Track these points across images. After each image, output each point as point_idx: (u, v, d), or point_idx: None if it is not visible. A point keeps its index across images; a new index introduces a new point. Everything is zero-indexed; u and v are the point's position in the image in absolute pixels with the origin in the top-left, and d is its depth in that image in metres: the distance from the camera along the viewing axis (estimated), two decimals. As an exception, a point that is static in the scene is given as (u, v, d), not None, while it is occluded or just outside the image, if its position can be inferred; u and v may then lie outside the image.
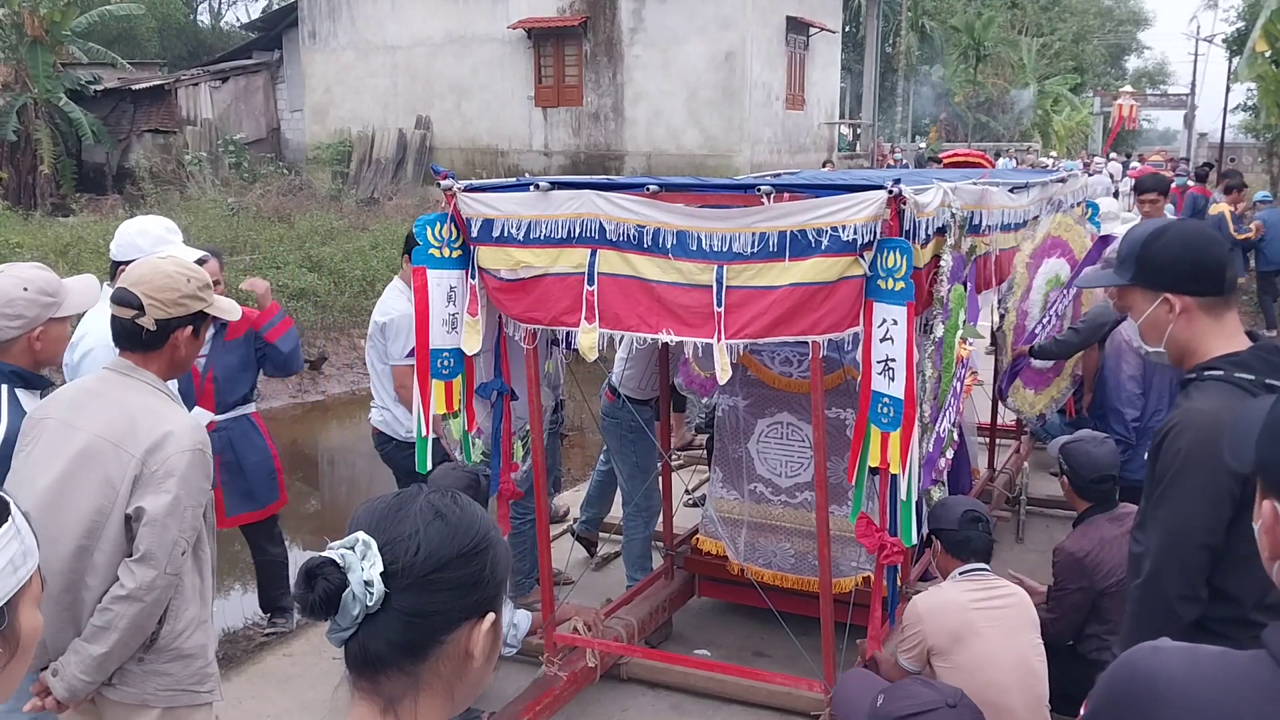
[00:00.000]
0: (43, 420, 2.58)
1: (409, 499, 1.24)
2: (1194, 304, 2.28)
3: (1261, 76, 18.24)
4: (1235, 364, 2.22)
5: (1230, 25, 28.25)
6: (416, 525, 1.20)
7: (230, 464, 4.52)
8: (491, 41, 21.18)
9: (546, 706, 3.88)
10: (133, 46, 29.40)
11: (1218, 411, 2.16)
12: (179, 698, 2.60)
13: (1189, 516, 2.21)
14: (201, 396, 4.36)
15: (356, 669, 1.21)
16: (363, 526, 1.21)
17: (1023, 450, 6.61)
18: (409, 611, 1.17)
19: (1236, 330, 2.29)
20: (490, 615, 1.23)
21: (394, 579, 1.17)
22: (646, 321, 3.41)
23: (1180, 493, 2.22)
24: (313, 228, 14.60)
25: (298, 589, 1.18)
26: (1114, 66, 56.35)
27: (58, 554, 2.45)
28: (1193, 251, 2.28)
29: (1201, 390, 2.25)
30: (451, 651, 1.21)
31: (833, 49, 24.10)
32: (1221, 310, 2.28)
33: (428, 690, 1.21)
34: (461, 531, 1.21)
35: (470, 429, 3.87)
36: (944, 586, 3.46)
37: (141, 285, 2.53)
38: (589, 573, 5.51)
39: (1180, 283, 2.29)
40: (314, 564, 1.17)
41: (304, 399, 10.46)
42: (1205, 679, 1.27)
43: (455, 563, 1.19)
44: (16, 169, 20.13)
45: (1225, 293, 2.27)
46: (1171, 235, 2.32)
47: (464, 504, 1.26)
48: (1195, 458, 2.19)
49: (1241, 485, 2.15)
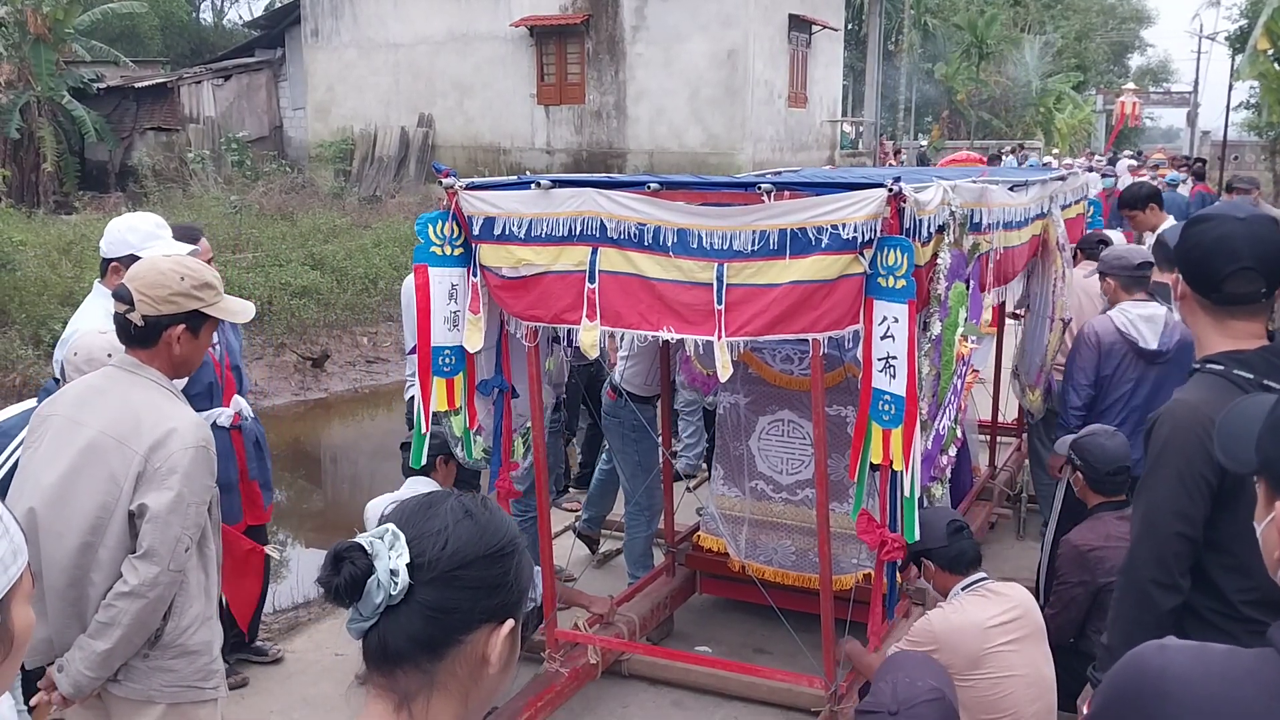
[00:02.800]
0: (49, 417, 2.59)
1: (440, 498, 1.27)
2: (1191, 295, 2.32)
3: (1264, 74, 18.24)
4: (1238, 361, 2.24)
5: (1233, 23, 28.25)
6: (446, 522, 1.22)
7: (263, 455, 4.39)
8: (494, 39, 21.17)
9: (548, 703, 3.90)
10: (135, 44, 29.39)
11: (1200, 404, 2.21)
12: (184, 694, 2.61)
13: (1164, 504, 2.25)
14: (225, 386, 4.31)
15: (374, 663, 1.22)
16: (394, 521, 1.23)
17: (1023, 447, 6.62)
18: (431, 606, 1.19)
19: (1249, 336, 2.28)
20: (510, 622, 1.24)
21: (419, 571, 1.19)
22: (647, 319, 3.42)
23: (1157, 481, 2.27)
24: (315, 226, 14.62)
25: (323, 572, 1.20)
26: (1117, 64, 56.28)
27: (63, 550, 2.46)
28: (1199, 252, 2.29)
29: (1195, 383, 2.30)
30: (469, 653, 1.22)
31: (835, 47, 24.09)
32: (1223, 316, 2.28)
33: (442, 690, 1.22)
34: (489, 533, 1.24)
35: (471, 426, 3.88)
36: (959, 606, 3.34)
37: (135, 281, 2.55)
38: (590, 570, 5.52)
39: (1184, 272, 2.34)
40: (342, 548, 1.20)
41: (306, 396, 10.47)
42: (1213, 676, 1.28)
43: (480, 562, 1.21)
44: (19, 167, 20.12)
45: (1219, 303, 2.26)
46: (1202, 228, 2.31)
47: (493, 508, 1.29)
48: (1173, 447, 2.23)
49: (1220, 477, 2.19)
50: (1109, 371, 4.58)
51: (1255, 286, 2.26)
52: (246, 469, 4.23)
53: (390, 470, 5.07)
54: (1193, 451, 2.20)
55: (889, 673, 2.99)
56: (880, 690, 2.90)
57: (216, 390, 4.15)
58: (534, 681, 4.03)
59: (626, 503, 5.14)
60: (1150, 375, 4.54)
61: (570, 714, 4.13)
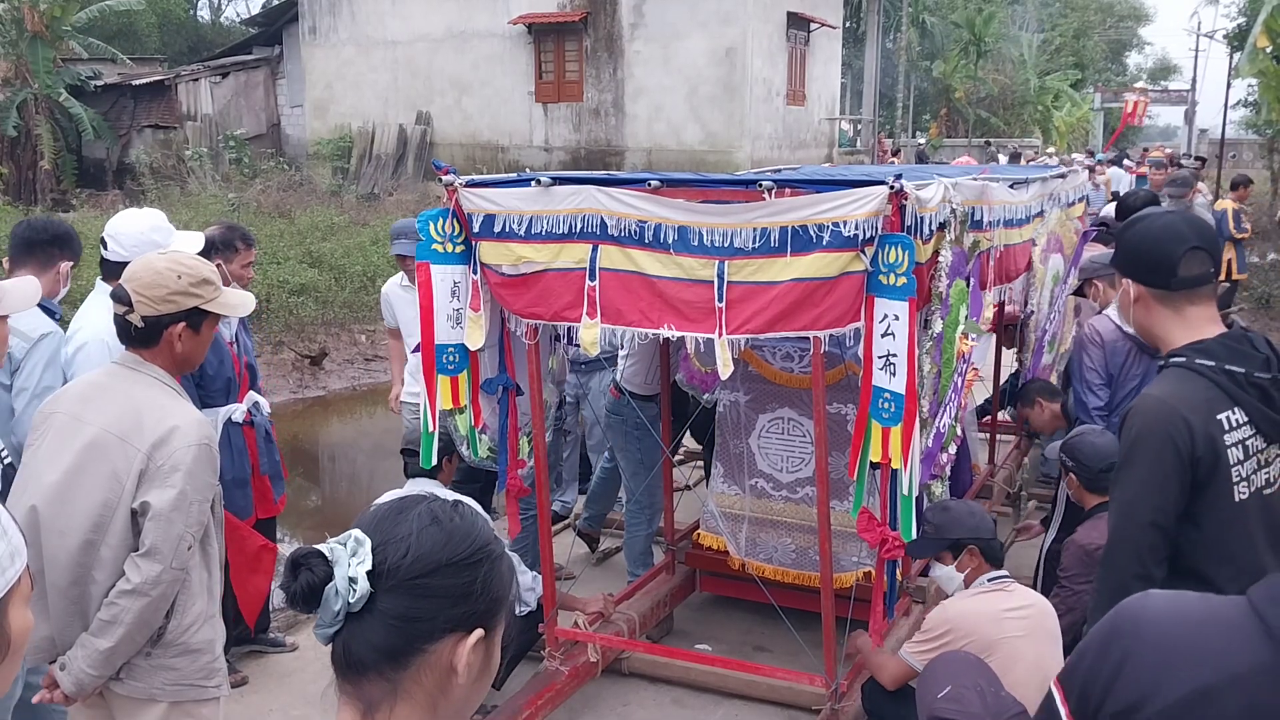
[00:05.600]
0: (52, 414, 2.59)
1: (410, 504, 1.23)
2: (1146, 294, 2.37)
3: (1262, 72, 18.23)
4: (1199, 350, 2.30)
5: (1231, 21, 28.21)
6: (411, 528, 1.19)
7: (272, 447, 4.40)
8: (492, 37, 21.15)
9: (548, 701, 3.90)
10: (133, 42, 29.34)
11: (1166, 398, 2.27)
12: (186, 692, 2.61)
13: (1136, 497, 2.31)
14: (241, 383, 4.31)
15: (339, 670, 1.20)
16: (363, 526, 1.21)
17: (1023, 445, 6.63)
18: (392, 614, 1.16)
19: (1205, 322, 2.34)
20: (479, 631, 1.20)
21: (381, 579, 1.16)
22: (648, 317, 3.42)
23: (1129, 475, 2.33)
24: (313, 223, 14.61)
25: (284, 578, 1.18)
26: (1115, 62, 56.28)
27: (65, 548, 2.46)
28: (1148, 244, 2.36)
29: (1162, 377, 2.36)
30: (434, 663, 1.19)
31: (833, 44, 24.08)
32: (1180, 304, 2.34)
33: (406, 699, 1.19)
34: (456, 540, 1.20)
35: (476, 424, 3.87)
36: (977, 594, 3.42)
37: (132, 281, 2.55)
38: (590, 568, 5.52)
39: (1135, 271, 2.39)
40: (300, 554, 1.18)
41: (304, 394, 10.46)
42: (1184, 620, 1.39)
43: (445, 570, 1.18)
44: (17, 164, 20.10)
45: (1175, 289, 2.32)
46: (1140, 225, 2.41)
47: (465, 514, 1.24)
48: (1143, 441, 2.28)
49: (1192, 468, 2.24)
50: (1115, 370, 4.58)
51: (1205, 267, 2.35)
52: (259, 464, 4.25)
53: (388, 468, 5.07)
54: (1161, 446, 2.25)
55: (956, 677, 2.97)
56: (964, 697, 2.88)
57: (234, 387, 4.17)
58: (534, 680, 4.04)
59: (627, 501, 5.14)
60: (1155, 370, 4.53)
61: (570, 712, 4.13)
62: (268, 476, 4.33)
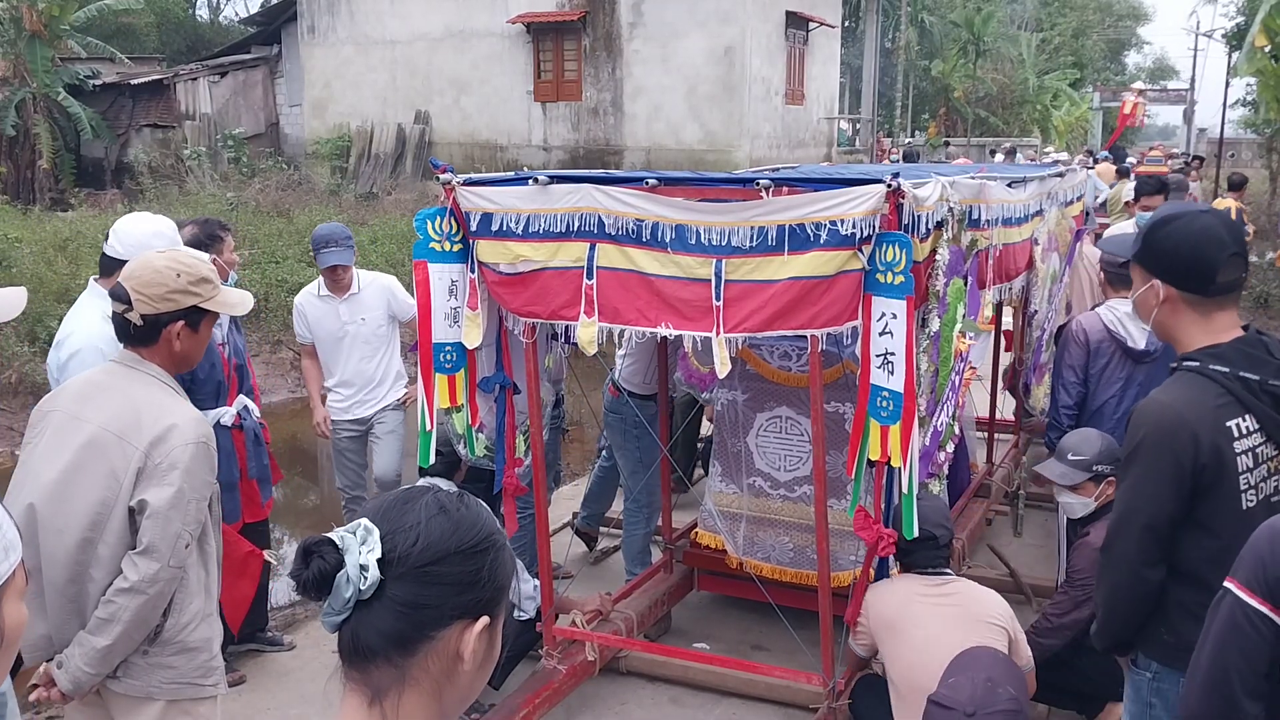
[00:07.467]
0: (49, 412, 2.59)
1: (417, 494, 1.26)
2: (1177, 297, 2.33)
3: (1261, 71, 18.21)
4: (1213, 356, 2.28)
5: (1230, 20, 28.23)
6: (419, 517, 1.22)
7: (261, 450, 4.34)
8: (491, 36, 21.14)
9: (546, 699, 3.90)
10: (131, 41, 29.30)
11: (1175, 404, 2.26)
12: (183, 690, 2.61)
13: (1135, 500, 2.31)
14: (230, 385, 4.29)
15: (347, 657, 1.22)
16: (370, 516, 1.23)
17: (1020, 444, 6.63)
18: (401, 601, 1.18)
19: (1227, 327, 2.32)
20: (484, 619, 1.23)
21: (390, 567, 1.18)
22: (645, 315, 3.42)
23: (1132, 478, 2.33)
24: (312, 222, 14.55)
25: (294, 566, 1.20)
26: (1113, 62, 56.29)
27: (63, 546, 2.46)
28: (1188, 248, 2.30)
29: (1173, 381, 2.34)
30: (441, 649, 1.21)
31: (832, 44, 24.07)
32: (1211, 310, 2.31)
33: (414, 686, 1.21)
34: (463, 529, 1.23)
35: (474, 423, 3.87)
36: (895, 577, 3.54)
37: (131, 280, 2.55)
38: (588, 567, 5.52)
39: (1169, 274, 2.34)
40: (311, 542, 1.19)
41: (302, 393, 10.43)
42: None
43: (453, 558, 1.20)
44: (15, 163, 20.10)
45: (1211, 295, 2.29)
46: (1177, 226, 2.34)
47: (470, 504, 1.27)
48: (1147, 446, 2.28)
49: (1193, 478, 2.23)
50: (1097, 371, 4.54)
51: (1240, 273, 2.32)
52: (247, 468, 4.23)
53: (388, 468, 5.06)
54: (1161, 454, 2.25)
55: (968, 668, 2.98)
56: (959, 686, 2.89)
57: (224, 390, 4.16)
58: (532, 678, 4.03)
59: (626, 499, 5.14)
60: (1138, 375, 4.47)
61: (568, 711, 4.13)
62: (256, 480, 4.31)
